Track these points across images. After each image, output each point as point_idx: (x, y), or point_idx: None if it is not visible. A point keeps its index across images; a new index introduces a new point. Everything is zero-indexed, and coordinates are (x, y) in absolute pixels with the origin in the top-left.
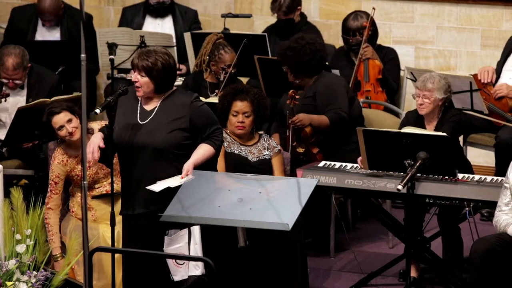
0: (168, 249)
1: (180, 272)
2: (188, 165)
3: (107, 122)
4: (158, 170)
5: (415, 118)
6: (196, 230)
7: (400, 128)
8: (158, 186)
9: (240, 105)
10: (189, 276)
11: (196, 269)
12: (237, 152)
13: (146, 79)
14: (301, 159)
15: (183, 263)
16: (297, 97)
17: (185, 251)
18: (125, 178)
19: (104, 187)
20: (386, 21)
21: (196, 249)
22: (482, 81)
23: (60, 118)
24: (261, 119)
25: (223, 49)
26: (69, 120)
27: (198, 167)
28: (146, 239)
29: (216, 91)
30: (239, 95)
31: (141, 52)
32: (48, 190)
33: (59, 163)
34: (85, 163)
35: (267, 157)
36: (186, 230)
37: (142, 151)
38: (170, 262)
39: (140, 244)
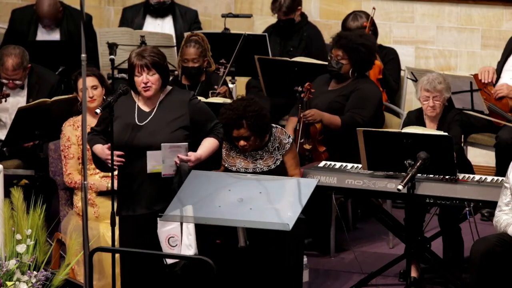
0: (161, 230)
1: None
2: (194, 155)
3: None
4: None
5: (417, 118)
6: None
7: (403, 128)
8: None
9: (237, 133)
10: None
11: (189, 249)
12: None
13: (156, 76)
14: (306, 156)
15: (176, 245)
16: (312, 90)
17: (177, 232)
18: (124, 179)
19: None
20: (386, 21)
21: (189, 229)
22: (483, 81)
23: (87, 81)
24: (264, 132)
25: (186, 44)
26: (94, 86)
27: (205, 160)
28: (145, 240)
29: (216, 87)
30: (235, 124)
31: (140, 52)
32: (63, 158)
33: (70, 125)
34: (85, 163)
35: (278, 162)
36: None
37: (144, 151)
38: (164, 244)
39: (140, 245)
